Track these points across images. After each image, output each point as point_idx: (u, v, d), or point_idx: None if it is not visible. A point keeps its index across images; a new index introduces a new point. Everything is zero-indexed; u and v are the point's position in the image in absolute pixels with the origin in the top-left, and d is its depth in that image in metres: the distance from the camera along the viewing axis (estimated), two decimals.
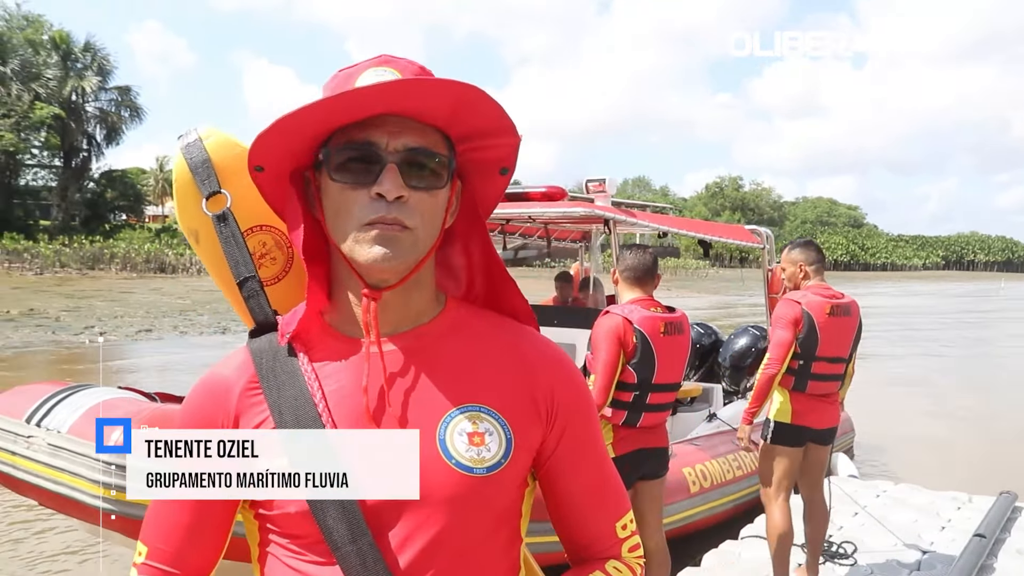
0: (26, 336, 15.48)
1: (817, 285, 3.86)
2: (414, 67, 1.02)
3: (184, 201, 1.25)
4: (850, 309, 3.86)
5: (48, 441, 2.99)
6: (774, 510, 3.85)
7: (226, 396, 1.02)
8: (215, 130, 1.27)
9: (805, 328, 3.76)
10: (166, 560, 1.03)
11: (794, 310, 3.78)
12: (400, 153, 0.94)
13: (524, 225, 6.68)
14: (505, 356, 1.04)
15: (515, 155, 1.03)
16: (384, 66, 1.00)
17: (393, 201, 0.92)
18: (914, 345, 20.55)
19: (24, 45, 39.18)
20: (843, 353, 3.84)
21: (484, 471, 0.96)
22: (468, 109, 0.94)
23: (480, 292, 1.12)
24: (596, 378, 3.29)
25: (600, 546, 1.10)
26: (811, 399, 3.81)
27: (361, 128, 0.94)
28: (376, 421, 0.97)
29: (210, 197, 1.21)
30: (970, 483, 6.22)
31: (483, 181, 1.06)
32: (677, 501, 4.77)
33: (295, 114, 0.92)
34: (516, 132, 0.99)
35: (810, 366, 3.79)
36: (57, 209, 41.20)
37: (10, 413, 3.22)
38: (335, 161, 0.95)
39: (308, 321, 1.03)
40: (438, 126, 0.97)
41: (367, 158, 0.94)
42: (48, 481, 3.00)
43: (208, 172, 1.22)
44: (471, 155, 1.02)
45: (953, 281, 78.50)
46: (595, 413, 1.12)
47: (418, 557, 0.94)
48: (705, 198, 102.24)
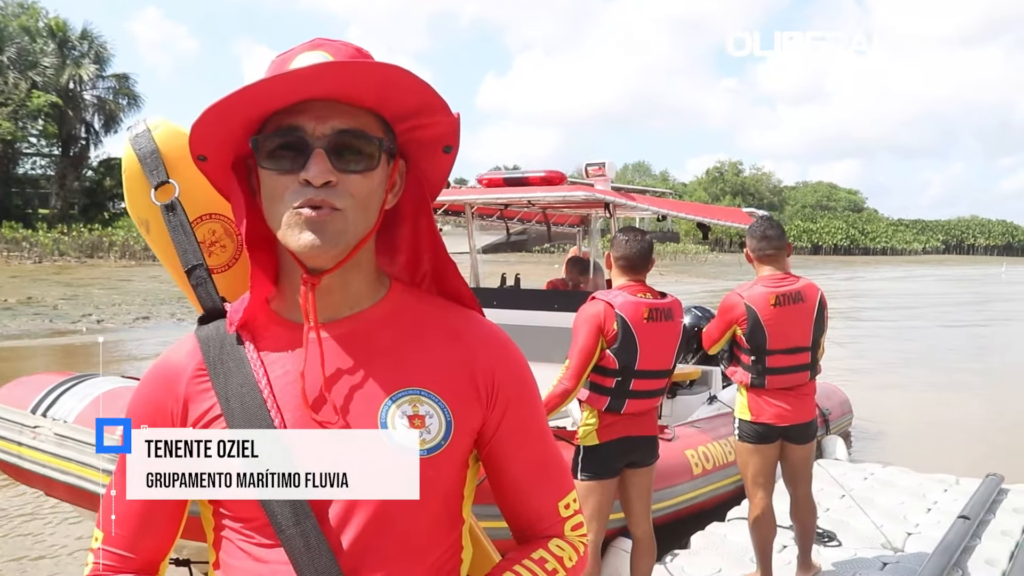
0: (24, 324, 15.53)
1: (768, 276, 3.76)
2: (349, 49, 1.01)
3: (133, 191, 1.26)
4: (802, 295, 3.73)
5: (55, 431, 3.02)
6: (753, 506, 3.87)
7: (175, 383, 1.04)
8: (164, 120, 1.28)
9: (749, 323, 3.69)
10: (121, 545, 1.05)
11: (733, 310, 3.74)
12: (327, 137, 0.94)
13: (523, 210, 6.71)
14: (446, 339, 1.06)
15: (456, 133, 1.03)
16: (317, 50, 1.00)
17: (321, 186, 0.93)
18: (915, 330, 20.58)
19: (20, 33, 38.94)
20: (802, 342, 3.73)
21: (424, 453, 0.98)
22: (394, 90, 0.95)
23: (426, 274, 1.13)
24: (570, 362, 3.31)
25: (543, 525, 1.12)
26: (776, 394, 3.74)
27: (289, 114, 0.95)
28: (316, 408, 0.99)
29: (158, 187, 1.23)
30: (966, 466, 6.28)
31: (428, 160, 1.07)
32: (681, 483, 4.84)
33: (224, 101, 0.92)
34: (449, 110, 0.99)
35: (764, 361, 3.71)
36: (55, 197, 41.02)
37: (15, 403, 3.25)
38: (265, 149, 0.96)
39: (254, 309, 1.05)
40: (369, 107, 0.98)
41: (294, 144, 0.94)
42: (55, 471, 3.03)
43: (156, 162, 1.24)
44: (411, 134, 1.02)
45: (953, 265, 78.35)
46: (537, 394, 1.14)
47: (360, 538, 0.97)
48: (705, 183, 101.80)
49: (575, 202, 5.66)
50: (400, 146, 1.03)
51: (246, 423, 0.98)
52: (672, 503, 4.74)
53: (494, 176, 5.44)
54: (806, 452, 3.89)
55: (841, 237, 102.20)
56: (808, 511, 3.98)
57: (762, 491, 3.84)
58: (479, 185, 5.55)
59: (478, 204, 6.18)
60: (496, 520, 1.16)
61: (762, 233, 3.80)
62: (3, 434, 3.23)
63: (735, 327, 3.76)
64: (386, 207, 1.03)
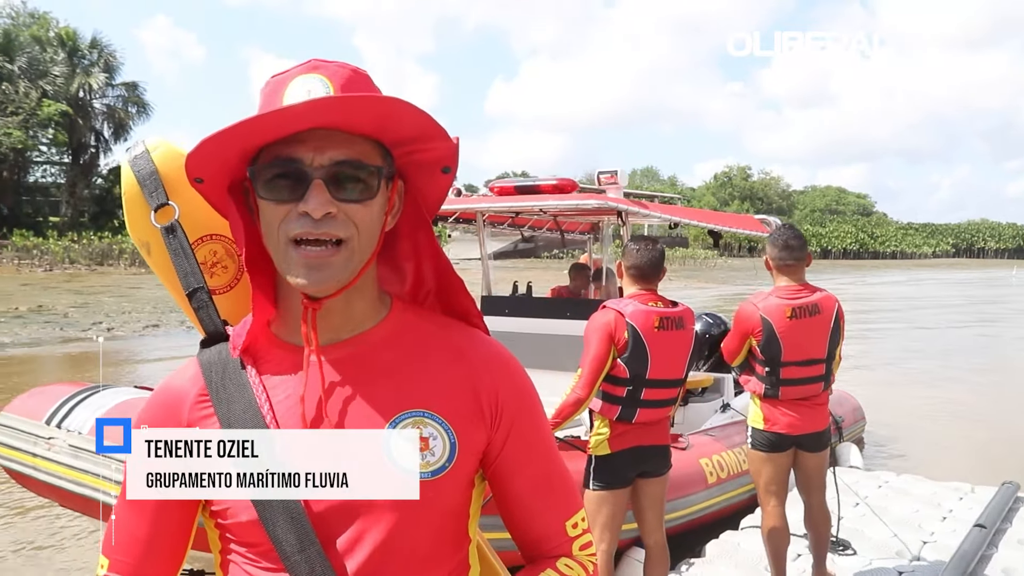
0: (34, 332, 15.60)
1: (784, 287, 3.72)
2: (345, 71, 0.99)
3: (133, 213, 1.25)
4: (819, 307, 3.69)
5: (69, 443, 3.02)
6: (766, 515, 3.85)
7: (178, 409, 1.04)
8: (164, 141, 1.27)
9: (764, 335, 3.65)
10: (127, 572, 1.05)
11: (748, 321, 3.71)
12: (326, 168, 0.93)
13: (533, 217, 6.71)
14: (449, 359, 1.05)
15: (455, 157, 1.02)
16: (313, 72, 0.98)
17: (321, 218, 0.92)
18: (926, 333, 20.48)
19: (31, 43, 39.24)
20: (816, 354, 3.70)
21: (429, 475, 0.98)
22: (393, 121, 0.94)
23: (429, 292, 1.13)
24: (582, 371, 3.30)
25: (550, 544, 1.11)
26: (789, 405, 3.71)
27: (287, 144, 0.93)
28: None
29: (158, 209, 1.21)
30: (980, 475, 6.22)
31: (426, 181, 1.06)
32: (696, 492, 4.82)
33: (219, 135, 0.91)
34: (448, 137, 0.98)
35: (778, 372, 3.68)
36: (66, 205, 41.25)
37: (30, 414, 3.26)
38: (262, 179, 0.95)
39: (256, 332, 1.04)
40: (367, 135, 0.97)
41: (292, 175, 0.93)
42: (69, 482, 3.03)
43: (156, 184, 1.22)
44: (410, 157, 1.02)
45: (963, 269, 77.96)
46: (541, 412, 1.13)
47: (366, 562, 0.96)
48: (714, 188, 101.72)
49: (587, 210, 5.64)
50: (399, 168, 1.02)
51: None
52: (687, 512, 4.73)
53: (506, 184, 5.43)
54: (819, 460, 3.86)
55: (850, 241, 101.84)
56: (822, 519, 3.95)
57: (775, 499, 3.83)
58: (490, 193, 5.55)
59: (490, 212, 6.17)
60: (503, 531, 1.15)
61: (784, 243, 3.73)
62: (18, 445, 3.24)
63: (750, 338, 3.73)
64: (386, 229, 1.02)
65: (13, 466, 3.29)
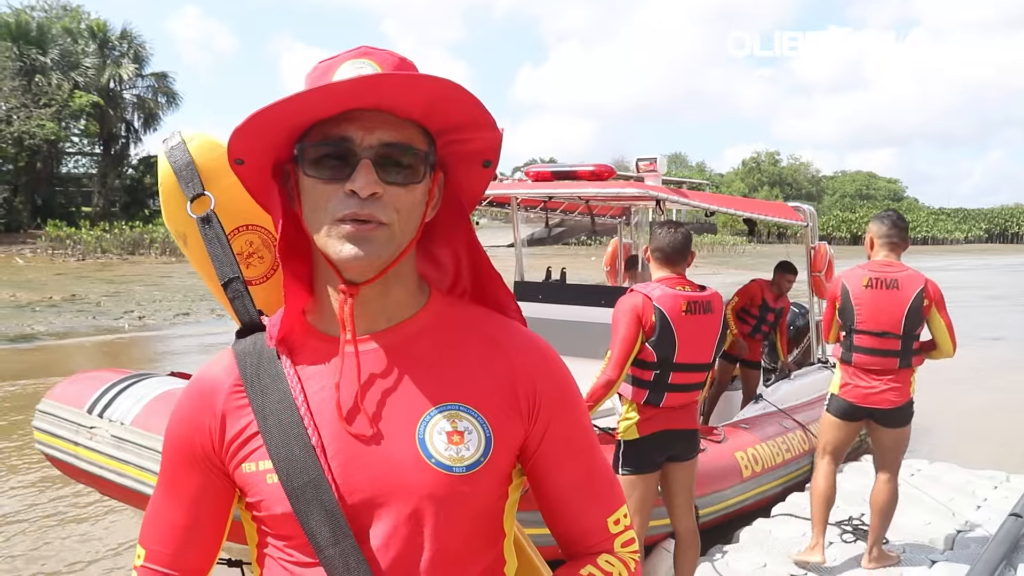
0: (68, 321, 15.80)
1: (878, 261, 3.90)
2: (394, 59, 0.99)
3: (169, 204, 1.25)
4: (898, 283, 3.81)
5: (112, 433, 3.04)
6: (816, 473, 4.09)
7: (212, 399, 1.03)
8: (199, 133, 1.27)
9: (842, 300, 3.94)
10: (163, 562, 1.06)
11: (833, 288, 4.02)
12: (375, 148, 0.92)
13: (565, 202, 6.69)
14: (486, 352, 1.03)
15: (498, 148, 1.02)
16: (363, 58, 0.98)
17: (367, 198, 0.91)
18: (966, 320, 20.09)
19: (63, 35, 39.71)
20: (891, 328, 3.81)
21: (463, 469, 0.96)
22: (444, 104, 0.93)
23: (467, 285, 1.11)
24: (611, 353, 3.31)
25: (591, 540, 1.09)
26: (859, 373, 3.89)
27: (336, 123, 0.93)
28: (351, 422, 0.97)
29: (194, 199, 1.21)
30: (1015, 463, 6.15)
31: (466, 173, 1.05)
32: (732, 486, 4.81)
33: (269, 108, 0.90)
34: (495, 126, 0.98)
35: (852, 338, 3.90)
36: (97, 196, 41.84)
37: (71, 402, 3.27)
38: (310, 157, 0.94)
39: (291, 322, 1.04)
40: (415, 120, 0.96)
41: (341, 154, 0.93)
42: (113, 473, 3.04)
43: (192, 174, 1.22)
44: (452, 147, 1.01)
45: (997, 254, 76.59)
46: (582, 405, 1.10)
47: (400, 556, 0.95)
48: (742, 173, 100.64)
49: (625, 197, 5.60)
50: (440, 158, 1.01)
51: (283, 440, 0.97)
52: (722, 507, 4.71)
53: (542, 169, 5.40)
54: (893, 437, 3.95)
55: None
56: (884, 498, 4.00)
57: (829, 458, 4.05)
58: (526, 178, 5.52)
59: (524, 197, 6.14)
60: (542, 527, 1.12)
61: (893, 221, 3.94)
62: (60, 433, 3.27)
63: (836, 303, 3.99)
64: (426, 219, 1.01)
65: (56, 454, 3.31)
